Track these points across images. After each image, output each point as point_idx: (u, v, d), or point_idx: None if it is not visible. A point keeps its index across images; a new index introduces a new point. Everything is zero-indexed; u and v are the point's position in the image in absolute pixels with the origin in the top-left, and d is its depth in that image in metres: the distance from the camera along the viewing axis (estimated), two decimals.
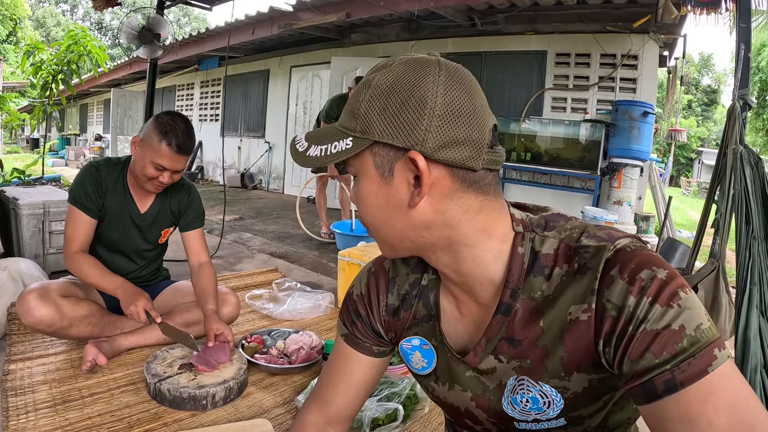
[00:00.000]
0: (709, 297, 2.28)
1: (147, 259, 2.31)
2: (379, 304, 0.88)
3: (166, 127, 1.96)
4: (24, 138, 19.23)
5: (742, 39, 2.13)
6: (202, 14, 39.07)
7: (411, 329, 0.85)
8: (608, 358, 0.63)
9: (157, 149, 1.96)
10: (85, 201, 2.03)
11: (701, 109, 29.70)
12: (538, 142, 5.71)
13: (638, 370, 0.58)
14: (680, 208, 12.46)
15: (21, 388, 1.77)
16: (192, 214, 2.26)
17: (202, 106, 11.39)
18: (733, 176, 2.13)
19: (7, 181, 4.82)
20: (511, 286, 0.70)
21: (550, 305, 0.68)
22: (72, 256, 2.02)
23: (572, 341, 0.66)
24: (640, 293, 0.59)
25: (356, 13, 6.00)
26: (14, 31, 22.10)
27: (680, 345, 0.55)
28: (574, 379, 0.68)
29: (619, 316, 0.60)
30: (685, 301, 0.58)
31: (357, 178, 0.71)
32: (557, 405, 0.71)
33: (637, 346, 0.58)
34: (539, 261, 0.69)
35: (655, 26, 5.07)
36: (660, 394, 0.56)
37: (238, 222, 5.86)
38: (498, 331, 0.73)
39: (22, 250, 3.19)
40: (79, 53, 5.63)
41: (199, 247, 2.26)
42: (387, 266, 0.88)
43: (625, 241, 0.65)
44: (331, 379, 0.91)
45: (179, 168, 2.03)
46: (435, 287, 0.82)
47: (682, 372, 0.55)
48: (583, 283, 0.65)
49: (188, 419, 1.67)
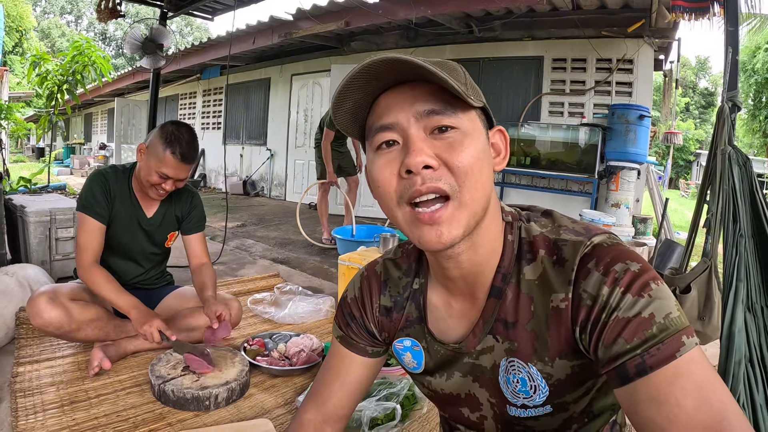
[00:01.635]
0: (702, 296, 2.31)
1: (153, 262, 2.35)
2: (373, 306, 0.91)
3: (171, 136, 2.01)
4: (30, 147, 19.33)
5: (730, 42, 2.18)
6: (204, 24, 39.31)
7: (403, 330, 0.89)
8: (585, 345, 0.67)
9: (161, 158, 2.00)
10: (95, 207, 2.06)
11: (699, 112, 29.66)
12: (536, 147, 5.75)
13: (611, 355, 0.61)
14: (678, 210, 12.42)
15: (29, 390, 1.82)
16: (194, 218, 2.33)
17: (204, 115, 11.47)
18: (722, 176, 2.17)
19: (14, 190, 4.89)
20: (503, 271, 0.75)
21: (537, 291, 0.73)
22: (87, 269, 2.04)
23: (554, 328, 0.71)
24: (613, 284, 0.64)
25: (355, 22, 6.06)
26: (20, 42, 22.27)
27: (649, 331, 0.59)
28: (556, 365, 0.72)
29: (594, 305, 0.65)
30: (656, 292, 0.62)
31: (458, 136, 0.68)
32: (543, 391, 0.75)
33: (610, 332, 0.62)
34: (526, 248, 0.75)
35: (649, 31, 5.12)
36: (631, 377, 0.59)
37: (241, 229, 5.91)
38: (492, 313, 0.77)
39: (29, 256, 3.24)
40: (83, 64, 5.70)
41: (200, 250, 2.32)
42: (379, 270, 0.93)
43: (601, 237, 0.70)
44: (327, 379, 0.94)
45: (182, 176, 2.08)
46: (425, 290, 0.86)
47: (652, 356, 0.58)
48: (561, 274, 0.70)
49: (191, 419, 1.71)
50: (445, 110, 0.68)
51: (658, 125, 9.85)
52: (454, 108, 0.68)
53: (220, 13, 5.27)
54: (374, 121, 0.71)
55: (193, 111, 11.86)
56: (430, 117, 0.68)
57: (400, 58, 0.64)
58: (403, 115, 0.68)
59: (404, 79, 0.70)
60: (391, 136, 0.69)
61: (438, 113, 0.67)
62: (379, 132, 0.70)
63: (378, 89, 0.71)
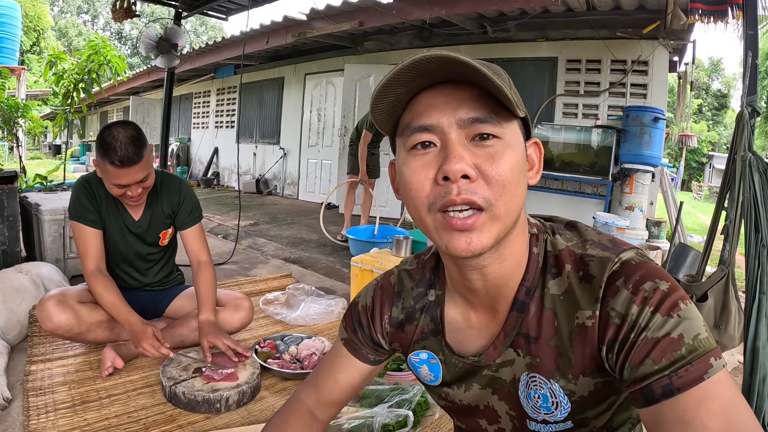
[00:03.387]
0: (719, 304, 2.27)
1: (153, 261, 2.31)
2: (383, 317, 0.91)
3: (105, 145, 1.87)
4: (46, 144, 19.56)
5: (749, 46, 2.14)
6: (219, 24, 39.55)
7: (419, 343, 0.87)
8: (611, 364, 0.66)
9: (105, 170, 1.91)
10: (85, 214, 2.05)
11: (712, 114, 29.25)
12: (550, 148, 5.70)
13: (638, 375, 0.60)
14: (691, 212, 12.31)
15: (41, 389, 1.83)
16: (186, 211, 2.22)
17: (218, 114, 11.53)
18: (742, 183, 2.13)
19: (29, 187, 4.94)
20: (527, 285, 0.74)
21: (561, 307, 0.71)
22: (89, 277, 2.04)
23: (579, 345, 0.69)
24: (642, 303, 0.62)
25: (369, 22, 6.05)
26: (38, 41, 22.55)
27: (678, 353, 0.58)
28: (580, 382, 0.71)
29: (622, 324, 0.63)
30: (685, 312, 0.61)
31: (499, 145, 0.66)
32: (564, 408, 0.74)
33: (638, 352, 0.61)
34: (551, 262, 0.73)
35: (664, 32, 5.05)
36: (658, 398, 0.58)
37: (253, 227, 5.93)
38: (514, 326, 0.75)
39: (44, 254, 3.28)
40: (99, 62, 5.74)
41: (198, 245, 2.22)
42: (393, 281, 0.92)
43: (629, 253, 0.69)
44: (323, 371, 0.98)
45: (139, 178, 1.95)
46: (441, 303, 0.85)
47: (680, 378, 0.58)
48: (588, 291, 0.68)
49: (202, 422, 1.72)
50: (490, 119, 0.65)
51: (672, 127, 9.73)
52: (498, 117, 0.66)
53: (234, 12, 5.31)
54: (412, 119, 0.68)
55: (207, 110, 11.93)
56: (474, 125, 0.65)
57: (455, 57, 0.61)
58: (446, 119, 0.65)
59: (451, 79, 0.66)
60: (430, 137, 0.66)
61: (483, 121, 0.65)
62: (417, 132, 0.67)
63: (422, 86, 0.68)
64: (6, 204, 3.04)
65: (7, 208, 3.04)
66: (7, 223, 3.06)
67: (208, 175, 11.25)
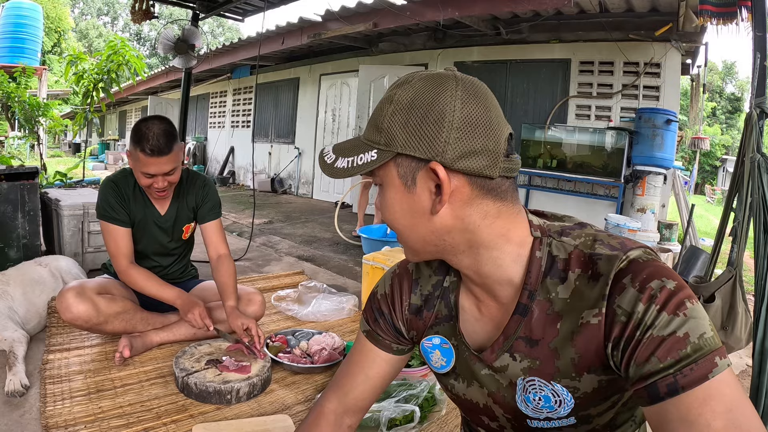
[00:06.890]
0: (726, 305, 2.27)
1: (174, 256, 2.40)
2: (402, 304, 0.92)
3: (139, 134, 1.97)
4: (66, 143, 19.84)
5: (758, 48, 2.14)
6: (235, 25, 39.83)
7: (432, 328, 0.88)
8: (616, 361, 0.66)
9: (137, 158, 2.00)
10: (114, 214, 2.11)
11: (725, 117, 28.72)
12: (562, 150, 5.69)
13: (643, 373, 0.61)
14: (704, 216, 12.06)
15: (58, 377, 1.89)
16: (208, 206, 2.31)
17: (234, 113, 11.66)
18: (750, 185, 2.13)
19: (50, 184, 5.05)
20: (529, 288, 0.73)
21: (567, 309, 0.71)
22: (125, 272, 2.12)
23: (583, 343, 0.69)
24: (649, 301, 0.63)
25: (383, 23, 6.08)
26: (58, 42, 22.93)
27: (684, 351, 0.59)
28: (584, 379, 0.72)
29: (628, 322, 0.64)
30: (691, 311, 0.61)
31: (382, 187, 0.75)
32: (568, 404, 0.74)
33: (644, 350, 0.61)
34: (556, 265, 0.73)
35: (676, 35, 5.02)
36: (662, 397, 0.59)
37: (268, 225, 5.99)
38: (515, 331, 0.75)
39: (63, 248, 3.36)
40: (118, 63, 5.83)
41: (218, 238, 2.30)
42: (411, 269, 0.93)
43: (637, 252, 0.69)
44: (350, 372, 0.96)
45: (166, 170, 2.03)
46: (456, 289, 0.85)
47: (684, 377, 0.58)
48: (595, 289, 0.68)
49: (213, 412, 1.75)
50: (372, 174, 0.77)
51: (685, 130, 9.63)
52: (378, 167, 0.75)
53: (250, 14, 5.37)
54: None
55: (224, 109, 12.07)
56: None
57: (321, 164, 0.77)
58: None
59: None
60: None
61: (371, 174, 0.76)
62: None
63: None
64: (27, 199, 3.13)
65: (28, 203, 3.13)
66: (28, 218, 3.15)
67: (224, 173, 11.38)
